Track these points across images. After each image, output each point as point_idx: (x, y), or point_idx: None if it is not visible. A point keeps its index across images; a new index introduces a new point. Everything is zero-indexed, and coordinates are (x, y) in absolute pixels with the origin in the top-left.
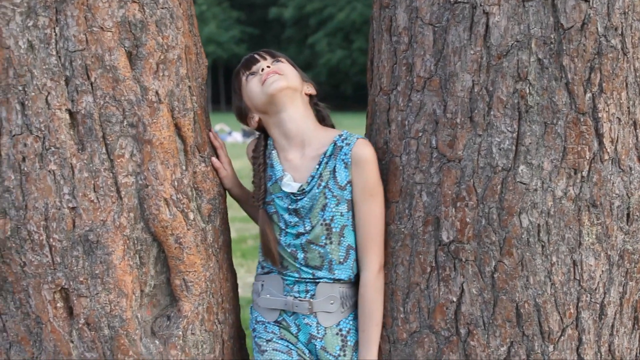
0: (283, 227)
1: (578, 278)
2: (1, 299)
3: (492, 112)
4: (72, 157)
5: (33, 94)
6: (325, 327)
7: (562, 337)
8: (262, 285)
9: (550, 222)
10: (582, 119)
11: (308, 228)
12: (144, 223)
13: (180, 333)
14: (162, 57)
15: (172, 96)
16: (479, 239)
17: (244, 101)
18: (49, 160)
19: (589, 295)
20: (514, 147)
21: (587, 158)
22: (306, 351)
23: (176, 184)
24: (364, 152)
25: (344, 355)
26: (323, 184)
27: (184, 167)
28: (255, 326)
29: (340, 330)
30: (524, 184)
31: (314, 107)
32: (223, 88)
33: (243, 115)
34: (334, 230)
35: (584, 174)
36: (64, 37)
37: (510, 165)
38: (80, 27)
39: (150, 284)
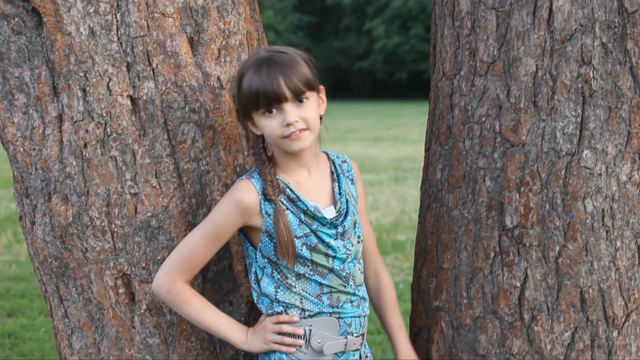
0: (331, 256)
1: None
2: (63, 285)
3: (555, 97)
4: (134, 143)
5: (94, 80)
6: (360, 356)
7: (627, 323)
8: (310, 330)
9: (614, 207)
10: None
11: (351, 248)
12: (206, 209)
13: (243, 318)
14: (223, 42)
15: (234, 82)
16: (543, 224)
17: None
18: (111, 146)
19: None
20: (578, 132)
21: None
22: None
23: (238, 169)
24: (356, 166)
25: None
26: (351, 200)
27: (246, 153)
28: None
29: (367, 356)
30: (588, 168)
31: None
32: None
33: (241, 120)
34: (361, 244)
35: None
36: (125, 23)
37: (574, 150)
38: (142, 13)
39: (212, 269)
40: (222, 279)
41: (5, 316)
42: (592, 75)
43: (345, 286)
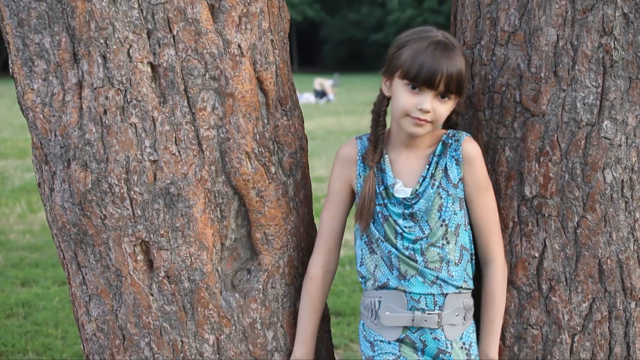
0: (399, 232)
1: None
2: (81, 252)
3: (576, 67)
4: (154, 110)
5: (115, 46)
6: (451, 341)
7: None
8: (380, 301)
9: (634, 177)
10: None
11: (427, 232)
12: (225, 176)
13: (261, 287)
14: (244, 10)
15: (254, 49)
16: (562, 194)
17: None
18: (131, 113)
19: None
20: (598, 102)
21: None
22: None
23: (258, 137)
24: (474, 147)
25: None
26: (437, 183)
27: (265, 121)
28: (369, 344)
29: (464, 343)
30: (608, 139)
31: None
32: (295, 50)
33: (384, 71)
34: (449, 229)
35: None
36: None
37: (594, 120)
38: None
39: (231, 237)
40: (240, 247)
41: (20, 285)
42: (613, 46)
43: (412, 264)
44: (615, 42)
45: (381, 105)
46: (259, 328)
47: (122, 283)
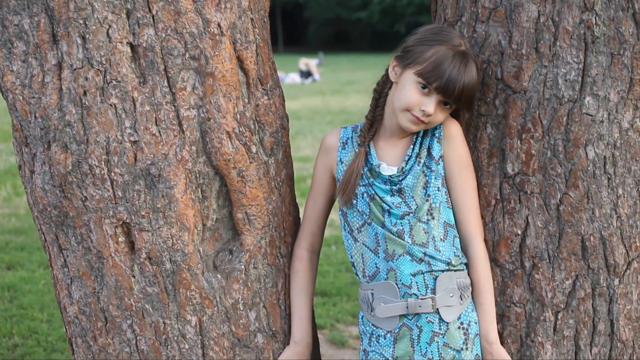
0: (386, 209)
1: None
2: (62, 234)
3: (558, 43)
4: (134, 90)
5: (94, 27)
6: (448, 323)
7: (628, 271)
8: (372, 294)
9: (616, 154)
10: None
11: (414, 207)
12: (206, 156)
13: (243, 267)
14: None
15: (234, 28)
16: (544, 171)
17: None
18: (110, 93)
19: None
20: (580, 79)
21: None
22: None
23: (238, 117)
24: (454, 125)
25: (466, 349)
26: (422, 161)
27: (246, 100)
28: (368, 336)
29: (462, 323)
30: (590, 115)
31: None
32: (281, 31)
33: (399, 57)
34: (433, 205)
35: None
36: None
37: (576, 97)
38: None
39: (213, 217)
40: (222, 228)
41: (5, 269)
42: (594, 22)
43: (399, 241)
44: (597, 18)
45: (384, 87)
46: (242, 309)
47: (104, 265)
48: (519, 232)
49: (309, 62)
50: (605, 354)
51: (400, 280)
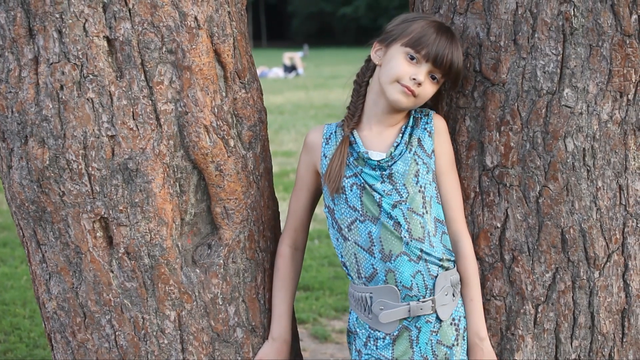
0: (377, 199)
1: (624, 203)
2: (40, 230)
3: (536, 35)
4: (111, 84)
5: (70, 21)
6: (442, 320)
7: (608, 263)
8: (371, 297)
9: (595, 146)
10: (627, 41)
11: (405, 195)
12: (183, 151)
13: (222, 261)
14: None
15: (212, 22)
16: (523, 163)
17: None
18: (87, 88)
19: (635, 220)
20: (558, 70)
21: (633, 81)
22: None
23: (216, 110)
24: (442, 122)
25: (457, 345)
26: (413, 149)
27: (224, 94)
28: (364, 339)
29: (453, 320)
30: (569, 107)
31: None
32: (264, 24)
33: (380, 39)
34: (426, 199)
35: (630, 97)
36: None
37: (555, 89)
38: None
39: (191, 212)
40: (200, 222)
41: None
42: (572, 13)
43: (396, 235)
44: (575, 9)
45: (364, 76)
46: (221, 303)
47: (82, 260)
48: (499, 225)
49: (293, 56)
50: (586, 347)
51: (401, 283)
